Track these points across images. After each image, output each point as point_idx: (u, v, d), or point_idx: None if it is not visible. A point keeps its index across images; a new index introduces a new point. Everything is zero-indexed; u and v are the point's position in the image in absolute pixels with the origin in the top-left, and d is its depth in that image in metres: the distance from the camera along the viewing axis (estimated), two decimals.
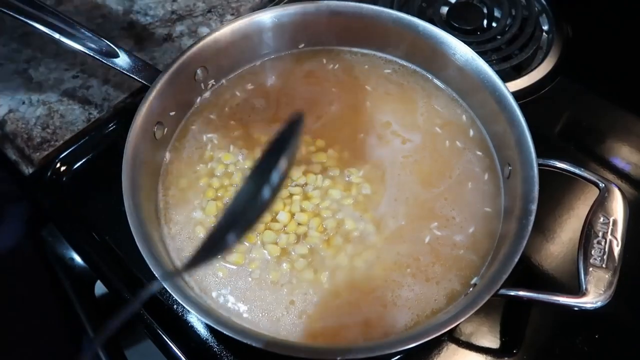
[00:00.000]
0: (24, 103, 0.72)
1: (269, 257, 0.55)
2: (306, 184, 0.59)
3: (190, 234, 0.57)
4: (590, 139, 0.71)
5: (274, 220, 0.56)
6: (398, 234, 0.57)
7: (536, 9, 0.81)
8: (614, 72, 0.77)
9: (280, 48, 0.68)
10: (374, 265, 0.55)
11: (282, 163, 0.35)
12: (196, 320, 0.57)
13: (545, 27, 0.80)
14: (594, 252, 0.49)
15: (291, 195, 0.58)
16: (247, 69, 0.68)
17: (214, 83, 0.66)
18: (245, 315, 0.52)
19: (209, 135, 0.63)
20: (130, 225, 0.50)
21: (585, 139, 0.71)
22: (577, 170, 0.54)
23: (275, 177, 0.35)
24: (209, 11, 0.81)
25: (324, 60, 0.68)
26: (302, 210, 0.57)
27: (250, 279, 0.54)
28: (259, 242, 0.56)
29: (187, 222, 0.57)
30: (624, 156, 0.69)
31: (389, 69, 0.68)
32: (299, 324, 0.52)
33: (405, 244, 0.56)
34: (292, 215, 0.56)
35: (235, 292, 0.54)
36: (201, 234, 0.56)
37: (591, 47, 0.79)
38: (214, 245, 0.35)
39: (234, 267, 0.54)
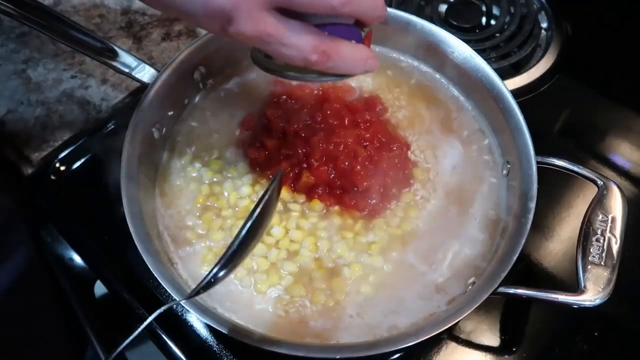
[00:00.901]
0: (22, 103, 0.72)
1: (259, 268, 0.54)
2: (305, 201, 0.58)
3: (188, 235, 0.56)
4: (589, 136, 0.71)
5: (268, 234, 0.55)
6: (397, 240, 0.56)
7: (535, 6, 0.81)
8: (613, 70, 0.77)
9: None
10: (370, 274, 0.54)
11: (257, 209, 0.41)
12: (196, 320, 0.57)
13: (544, 25, 0.80)
14: (593, 250, 0.49)
15: (289, 211, 0.57)
16: (245, 67, 0.67)
17: (212, 82, 0.66)
18: (236, 319, 0.52)
19: (207, 135, 0.63)
20: (129, 225, 0.50)
21: (584, 136, 0.71)
22: (575, 168, 0.54)
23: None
24: None
25: None
26: (298, 227, 0.56)
27: (241, 287, 0.53)
28: (251, 253, 0.54)
29: (185, 222, 0.57)
30: (624, 154, 0.69)
31: (387, 65, 0.68)
32: (294, 328, 0.51)
33: (404, 245, 0.56)
34: (287, 231, 0.56)
35: (226, 294, 0.53)
36: (198, 233, 0.56)
37: (590, 45, 0.79)
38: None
39: None
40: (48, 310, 0.72)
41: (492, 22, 0.80)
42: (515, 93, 0.58)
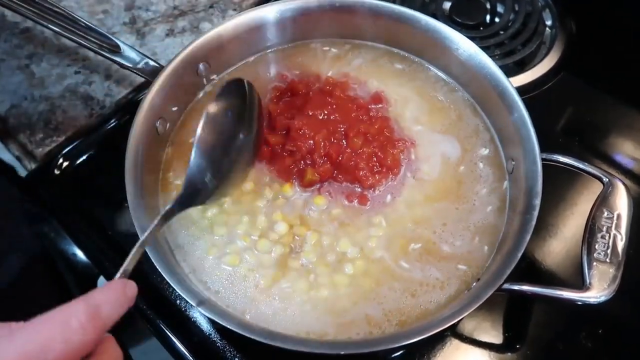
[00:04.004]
0: (26, 99, 0.71)
1: (263, 264, 0.54)
2: (309, 197, 0.58)
3: (190, 231, 0.56)
4: (593, 135, 0.71)
5: (272, 230, 0.55)
6: (399, 235, 0.56)
7: (539, 4, 0.80)
8: (618, 68, 0.77)
9: (282, 41, 0.68)
10: (373, 269, 0.54)
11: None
12: (199, 316, 0.57)
13: (549, 22, 0.80)
14: (598, 247, 0.49)
15: (293, 207, 0.57)
16: (248, 62, 0.67)
17: (216, 77, 0.66)
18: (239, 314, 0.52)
19: None
20: (134, 220, 0.50)
21: (588, 135, 0.70)
22: (580, 165, 0.54)
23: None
24: (211, 6, 0.81)
25: (326, 53, 0.68)
26: (302, 223, 0.56)
27: (245, 283, 0.53)
28: (254, 248, 0.55)
29: (186, 219, 0.57)
30: (628, 152, 0.69)
31: (392, 61, 0.68)
32: (297, 323, 0.51)
33: (407, 240, 0.56)
34: (291, 227, 0.56)
35: (230, 290, 0.53)
36: (201, 228, 0.56)
37: (595, 43, 0.79)
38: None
39: (229, 267, 0.54)
40: (50, 305, 0.72)
41: (496, 19, 0.80)
42: (519, 90, 0.58)
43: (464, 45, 0.61)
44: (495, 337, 0.56)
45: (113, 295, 0.38)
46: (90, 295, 0.37)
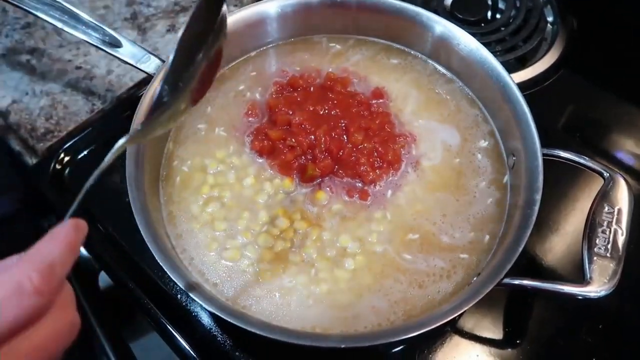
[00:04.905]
0: (27, 94, 0.72)
1: (263, 258, 0.54)
2: (310, 192, 0.58)
3: (192, 224, 0.56)
4: (594, 131, 0.71)
5: (273, 225, 0.55)
6: (400, 230, 0.56)
7: (541, 0, 0.80)
8: (618, 66, 0.77)
9: (283, 37, 0.68)
10: (374, 264, 0.54)
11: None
12: (200, 310, 0.57)
13: (550, 19, 0.80)
14: (599, 241, 0.49)
15: (293, 202, 0.57)
16: (249, 57, 0.67)
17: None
18: (241, 308, 0.52)
19: (211, 125, 0.63)
20: (135, 216, 0.50)
21: (589, 131, 0.70)
22: (581, 160, 0.54)
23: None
24: None
25: (329, 49, 0.68)
26: (303, 218, 0.56)
27: (245, 277, 0.53)
28: (255, 243, 0.55)
29: (187, 214, 0.57)
30: (627, 149, 0.69)
31: (393, 57, 0.68)
32: (298, 317, 0.51)
33: (407, 234, 0.56)
34: (292, 222, 0.56)
35: (230, 284, 0.53)
36: (202, 223, 0.56)
37: (596, 40, 0.79)
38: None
39: (230, 262, 0.54)
40: None
41: (498, 15, 0.80)
42: (521, 87, 0.58)
43: (465, 41, 0.61)
44: (495, 332, 0.56)
45: (66, 247, 0.34)
46: (41, 251, 0.33)
